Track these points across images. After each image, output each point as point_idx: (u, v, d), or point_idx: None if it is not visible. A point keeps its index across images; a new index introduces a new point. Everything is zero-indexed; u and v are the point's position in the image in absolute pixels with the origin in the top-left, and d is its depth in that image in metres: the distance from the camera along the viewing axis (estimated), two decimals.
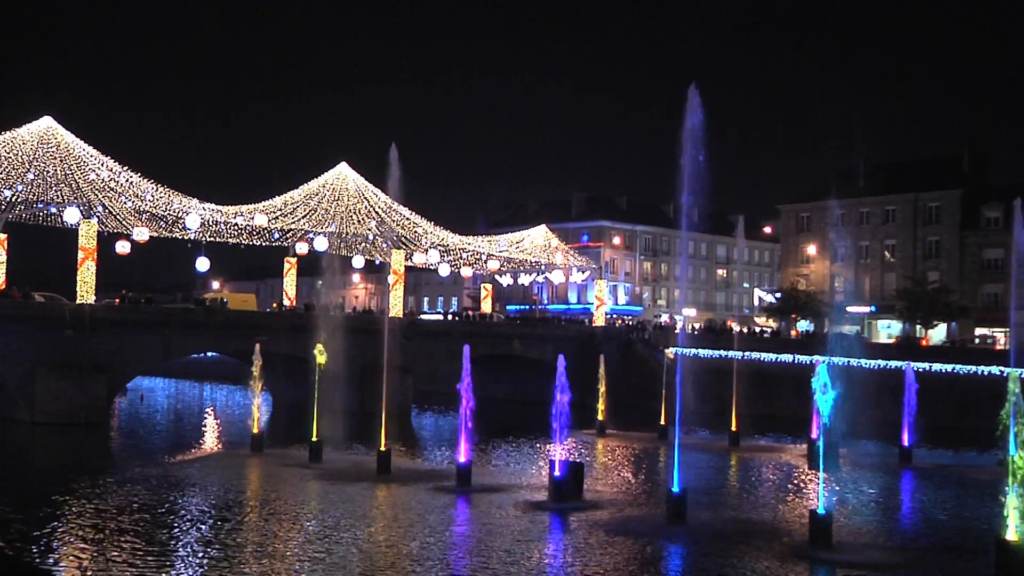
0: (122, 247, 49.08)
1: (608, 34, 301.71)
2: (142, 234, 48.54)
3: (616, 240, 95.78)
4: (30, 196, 44.76)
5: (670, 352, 48.21)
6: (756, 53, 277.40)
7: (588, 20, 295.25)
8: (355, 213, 58.85)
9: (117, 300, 50.71)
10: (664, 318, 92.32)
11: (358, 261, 63.31)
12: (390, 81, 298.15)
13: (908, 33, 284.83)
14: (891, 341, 69.00)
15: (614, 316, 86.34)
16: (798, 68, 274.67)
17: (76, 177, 45.55)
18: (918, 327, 68.53)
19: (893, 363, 48.30)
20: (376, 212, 59.59)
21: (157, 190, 48.81)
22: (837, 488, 29.66)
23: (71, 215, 45.22)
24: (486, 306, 72.52)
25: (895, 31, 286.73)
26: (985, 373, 47.94)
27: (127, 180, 47.52)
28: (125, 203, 47.78)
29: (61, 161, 45.26)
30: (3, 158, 43.81)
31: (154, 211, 49.19)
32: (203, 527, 22.31)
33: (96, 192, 46.31)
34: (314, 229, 57.52)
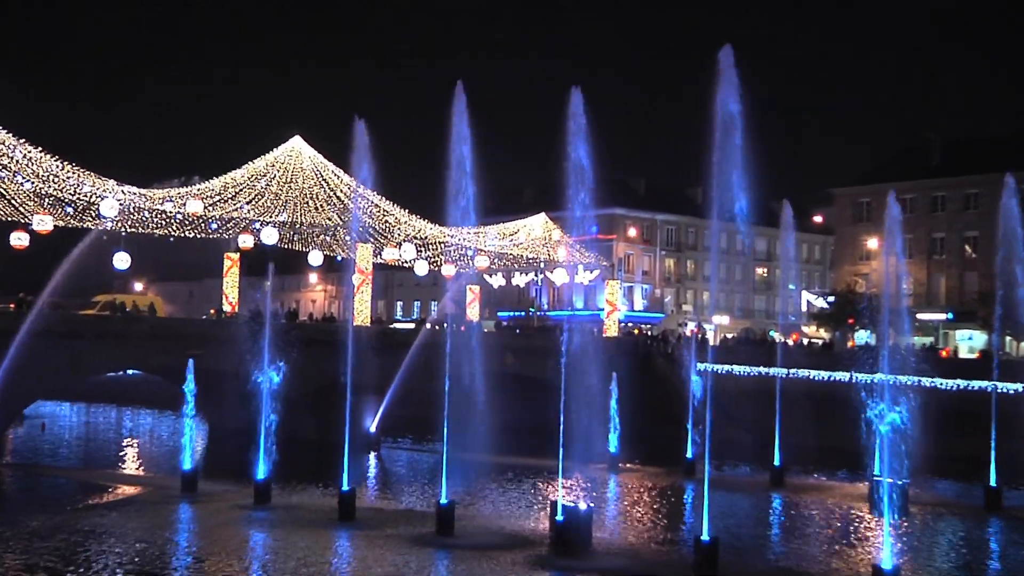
0: (18, 239, 48.82)
1: None
2: (44, 223, 48.29)
3: (632, 232, 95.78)
4: None
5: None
6: (798, 11, 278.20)
7: None
8: (312, 198, 58.75)
9: (12, 305, 50.31)
10: (691, 327, 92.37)
11: (315, 257, 63.13)
12: (372, 53, 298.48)
13: None
14: (973, 356, 68.96)
15: (629, 324, 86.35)
16: (851, 26, 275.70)
17: None
18: (1007, 339, 68.51)
19: (976, 383, 48.30)
20: (338, 197, 59.46)
21: (63, 169, 48.56)
22: (905, 538, 29.69)
23: None
24: (472, 312, 72.35)
25: None
26: None
27: (24, 156, 47.20)
28: (22, 184, 47.51)
29: None
30: None
31: (59, 195, 48.94)
32: None
33: None
34: (261, 218, 57.37)
